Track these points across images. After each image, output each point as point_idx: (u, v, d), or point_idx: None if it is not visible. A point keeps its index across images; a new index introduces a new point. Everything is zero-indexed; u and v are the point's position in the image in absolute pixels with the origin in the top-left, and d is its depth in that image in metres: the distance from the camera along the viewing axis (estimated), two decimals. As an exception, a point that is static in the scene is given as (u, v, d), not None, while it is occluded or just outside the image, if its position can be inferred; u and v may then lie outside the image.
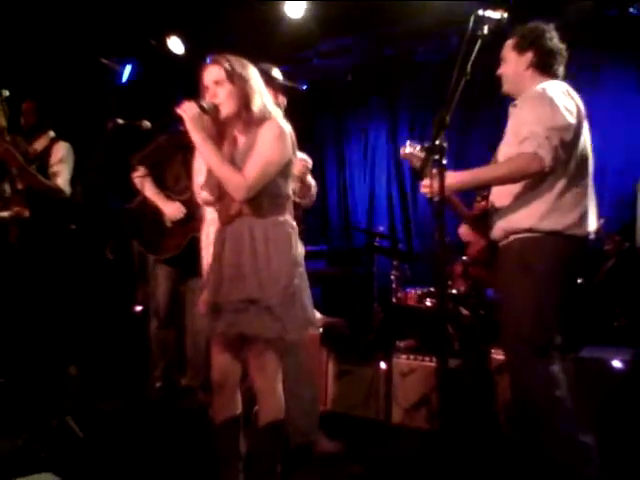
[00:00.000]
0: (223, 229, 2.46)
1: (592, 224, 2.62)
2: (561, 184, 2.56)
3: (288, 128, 2.44)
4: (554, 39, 2.68)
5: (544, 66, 2.67)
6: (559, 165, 2.50)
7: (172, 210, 3.76)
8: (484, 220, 2.81)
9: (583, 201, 2.59)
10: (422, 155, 2.80)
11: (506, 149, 2.65)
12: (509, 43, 2.73)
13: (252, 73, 2.45)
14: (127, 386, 4.32)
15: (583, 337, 3.75)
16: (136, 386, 4.22)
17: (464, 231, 3.13)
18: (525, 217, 2.58)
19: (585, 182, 2.62)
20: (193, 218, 3.72)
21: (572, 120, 2.51)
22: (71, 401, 3.63)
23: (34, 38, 4.96)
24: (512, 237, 2.63)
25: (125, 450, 3.28)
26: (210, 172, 2.43)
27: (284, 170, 2.42)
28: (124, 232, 3.83)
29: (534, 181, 2.55)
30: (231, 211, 2.42)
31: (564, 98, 2.55)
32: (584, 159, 2.62)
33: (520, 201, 2.60)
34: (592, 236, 2.67)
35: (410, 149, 2.88)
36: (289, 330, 2.35)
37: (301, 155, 3.23)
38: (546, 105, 2.52)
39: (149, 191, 3.79)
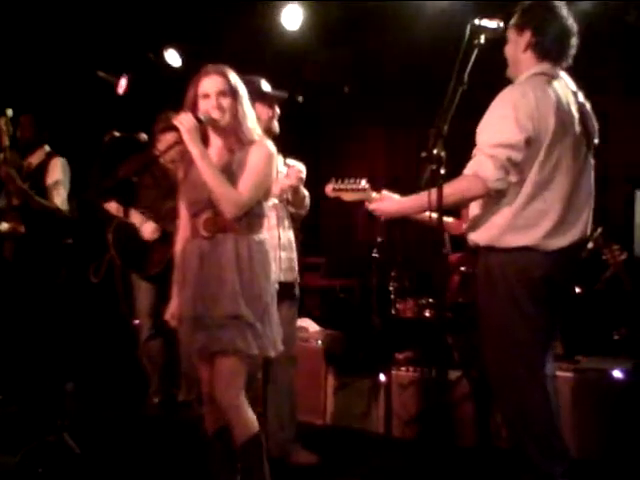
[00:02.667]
0: (201, 243, 2.43)
1: (573, 235, 2.42)
2: (522, 198, 2.36)
3: (275, 151, 2.50)
4: (561, 18, 2.41)
5: (544, 50, 2.41)
6: (508, 185, 2.32)
7: (148, 232, 3.80)
8: None
9: (554, 212, 2.36)
10: (354, 187, 2.71)
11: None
12: (512, 21, 2.48)
13: (245, 91, 2.49)
14: (125, 402, 4.29)
15: (583, 347, 3.74)
16: (134, 402, 4.19)
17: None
18: (485, 232, 2.45)
19: (560, 191, 2.37)
20: (172, 233, 3.74)
21: (522, 135, 2.28)
22: (68, 417, 3.59)
23: (31, 52, 4.96)
24: (479, 250, 2.51)
25: (122, 466, 3.25)
26: (189, 186, 2.46)
27: (267, 190, 2.49)
28: (108, 253, 3.83)
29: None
30: (212, 227, 2.41)
31: (530, 104, 2.30)
32: (559, 167, 2.37)
33: (483, 213, 2.46)
34: (590, 245, 2.59)
35: (337, 185, 2.73)
36: (269, 347, 2.41)
37: (295, 163, 3.22)
38: (500, 116, 2.34)
39: (122, 212, 3.82)
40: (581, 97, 2.52)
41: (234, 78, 2.45)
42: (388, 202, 2.65)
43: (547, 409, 2.43)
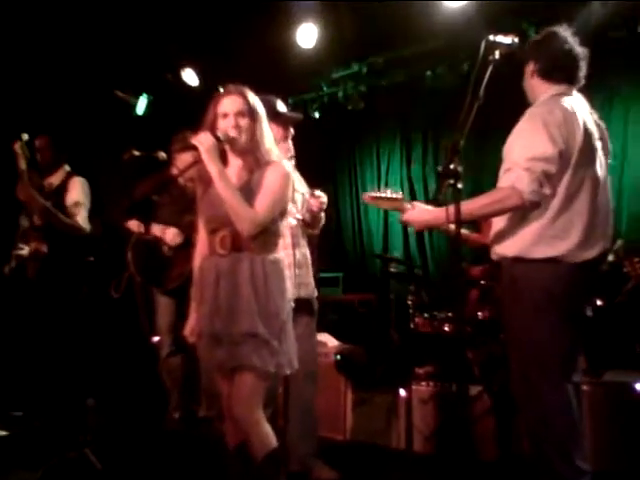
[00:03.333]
0: (218, 261, 2.46)
1: (599, 247, 2.47)
2: (552, 210, 2.43)
3: (291, 171, 2.54)
4: (560, 43, 2.54)
5: (547, 73, 2.55)
6: (543, 197, 2.38)
7: (171, 236, 3.83)
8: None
9: (581, 225, 2.43)
10: (390, 195, 2.82)
11: (502, 168, 2.53)
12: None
13: (263, 112, 2.53)
14: (146, 418, 4.30)
15: (605, 361, 3.70)
16: (155, 417, 4.20)
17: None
18: (514, 244, 2.49)
19: (585, 204, 2.45)
20: (190, 246, 3.78)
21: (556, 149, 2.37)
22: (89, 433, 3.61)
23: (50, 72, 5.04)
24: (505, 262, 2.55)
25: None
26: (207, 204, 2.49)
27: (284, 209, 2.52)
28: (127, 270, 3.88)
29: None
30: (229, 245, 2.44)
31: (559, 119, 2.40)
32: (585, 180, 2.46)
33: (510, 225, 2.51)
34: (611, 258, 2.60)
35: (374, 194, 2.86)
36: (285, 365, 2.42)
37: (318, 192, 3.27)
38: (532, 131, 2.42)
39: (142, 228, 3.86)
40: (596, 117, 2.60)
41: (253, 99, 2.49)
42: (420, 212, 2.69)
43: (569, 419, 2.44)
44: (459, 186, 2.08)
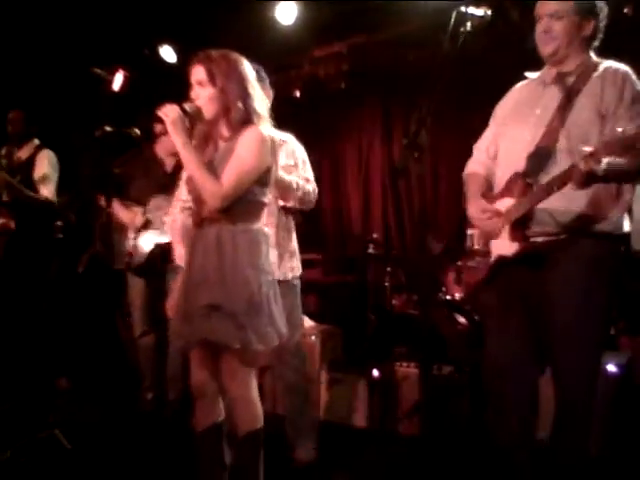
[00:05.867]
0: (194, 232, 2.41)
1: None
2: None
3: (269, 133, 2.37)
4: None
5: (593, 41, 2.38)
6: None
7: (130, 219, 3.79)
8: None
9: None
10: None
11: (591, 128, 2.25)
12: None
13: (240, 73, 2.36)
14: (118, 398, 4.26)
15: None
16: (127, 398, 4.16)
17: None
18: (608, 219, 2.29)
19: None
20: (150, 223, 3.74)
21: None
22: (60, 413, 3.58)
23: (24, 46, 4.94)
24: (582, 236, 2.31)
25: (113, 463, 3.23)
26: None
27: (261, 178, 2.36)
28: (94, 247, 3.84)
29: None
30: (202, 214, 2.37)
31: None
32: None
33: (600, 200, 2.28)
34: None
35: None
36: (254, 340, 2.27)
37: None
38: None
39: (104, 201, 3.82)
40: None
41: (219, 63, 2.32)
42: None
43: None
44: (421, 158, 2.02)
